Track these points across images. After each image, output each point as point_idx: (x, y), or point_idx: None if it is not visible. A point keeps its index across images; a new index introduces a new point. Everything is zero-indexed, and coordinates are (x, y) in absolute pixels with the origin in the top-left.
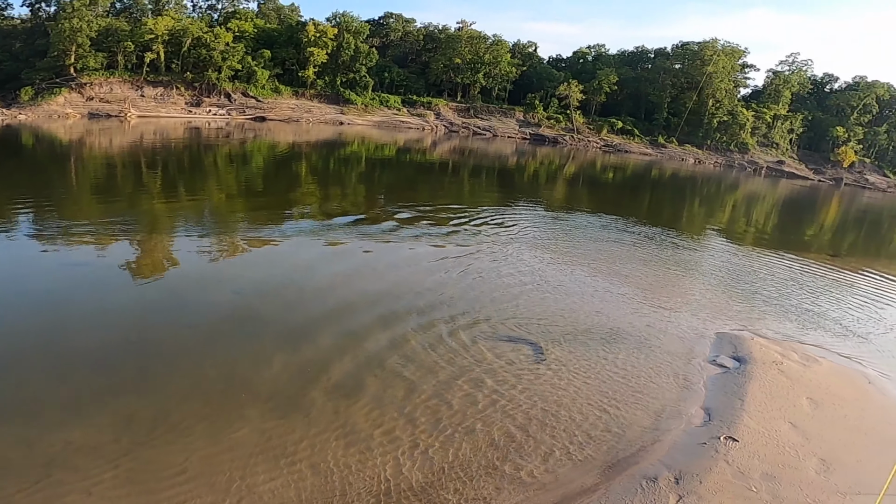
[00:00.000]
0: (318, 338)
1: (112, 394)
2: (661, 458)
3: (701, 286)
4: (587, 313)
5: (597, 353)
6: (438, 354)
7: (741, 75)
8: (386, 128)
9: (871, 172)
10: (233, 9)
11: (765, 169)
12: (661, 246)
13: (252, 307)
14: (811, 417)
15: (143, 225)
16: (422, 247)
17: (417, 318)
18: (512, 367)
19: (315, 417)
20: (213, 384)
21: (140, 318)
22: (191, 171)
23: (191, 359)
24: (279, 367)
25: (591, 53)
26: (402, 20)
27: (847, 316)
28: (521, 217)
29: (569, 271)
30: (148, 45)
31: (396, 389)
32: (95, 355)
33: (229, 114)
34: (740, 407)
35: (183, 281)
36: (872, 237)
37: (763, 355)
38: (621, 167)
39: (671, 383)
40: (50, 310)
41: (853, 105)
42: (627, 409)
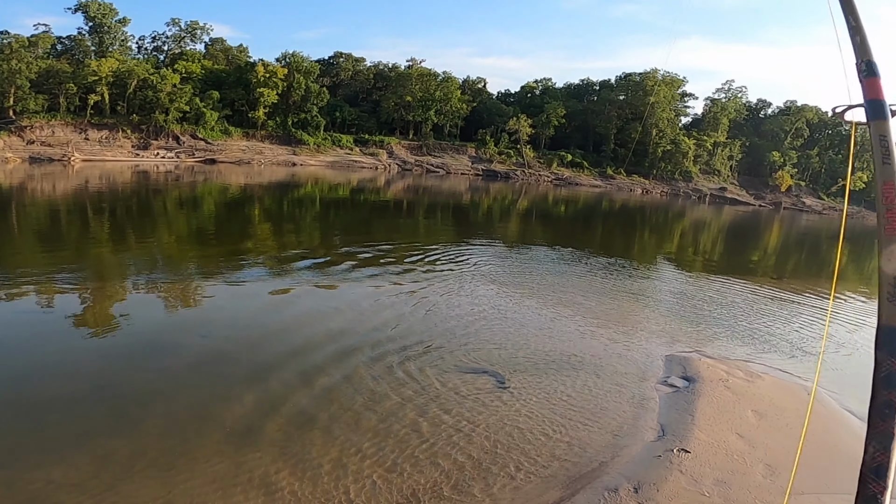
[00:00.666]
0: (283, 373)
1: (88, 435)
2: (621, 471)
3: (652, 312)
4: (544, 342)
5: (555, 379)
6: (410, 386)
7: (681, 104)
8: (339, 168)
9: (807, 196)
10: (179, 50)
11: (708, 196)
12: (614, 275)
13: (219, 349)
14: (756, 428)
15: (95, 273)
16: (380, 285)
17: (395, 350)
18: (476, 395)
19: (286, 447)
20: (187, 422)
21: (107, 364)
22: (141, 216)
23: (164, 400)
24: (250, 404)
25: (538, 87)
26: (351, 59)
27: (788, 335)
28: (477, 253)
29: (525, 303)
30: (91, 86)
31: (368, 418)
32: (68, 401)
33: (178, 157)
34: (691, 422)
35: (148, 327)
36: (812, 259)
37: (710, 374)
38: (573, 200)
39: (626, 403)
40: (12, 362)
41: (786, 129)
42: (587, 429)
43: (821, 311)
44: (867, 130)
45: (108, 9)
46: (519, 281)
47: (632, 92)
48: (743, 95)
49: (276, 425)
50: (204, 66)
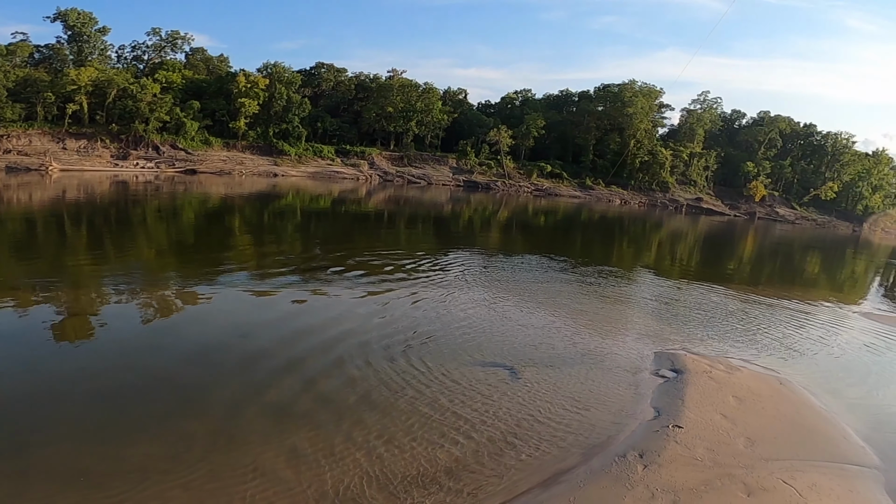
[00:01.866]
0: (316, 364)
1: (168, 418)
2: (626, 442)
3: (638, 315)
4: (545, 340)
5: (560, 371)
6: (436, 378)
7: (658, 115)
8: (321, 178)
9: (780, 205)
10: (159, 59)
11: (685, 206)
12: (601, 282)
13: (258, 346)
14: (737, 409)
15: (71, 283)
16: (367, 293)
17: (416, 347)
18: (496, 384)
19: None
20: (245, 405)
21: (164, 361)
22: (123, 227)
23: (219, 388)
24: (295, 387)
25: (518, 98)
26: (333, 70)
27: (762, 335)
28: (468, 262)
29: (522, 306)
30: (70, 95)
31: (396, 413)
32: (140, 392)
33: (158, 167)
34: (681, 405)
35: (193, 329)
36: (786, 267)
37: (695, 367)
38: (553, 211)
39: (625, 391)
40: (85, 361)
41: (760, 140)
42: (594, 411)
43: (791, 314)
44: (839, 140)
45: (88, 18)
46: (513, 287)
47: (610, 103)
48: (718, 106)
49: (329, 406)
50: (184, 75)
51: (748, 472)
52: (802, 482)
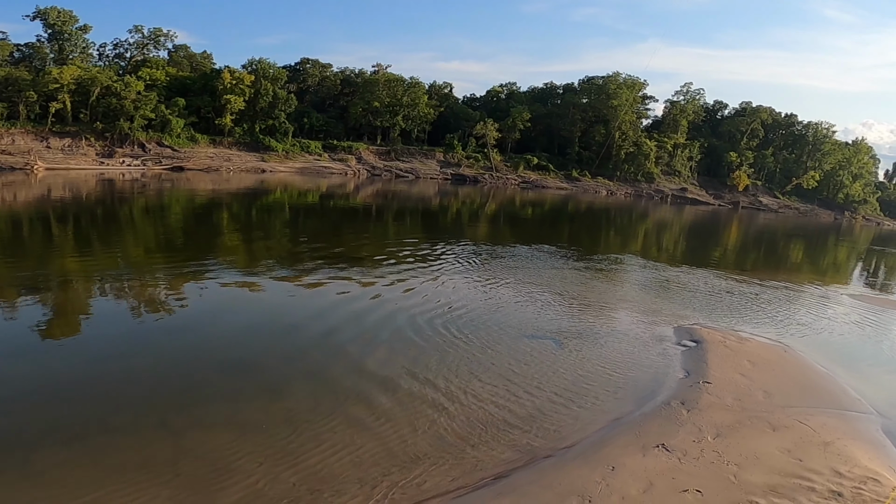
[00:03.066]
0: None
1: (273, 397)
2: (667, 395)
3: (648, 297)
4: (574, 318)
5: (596, 343)
6: (493, 347)
7: (643, 107)
8: (309, 174)
9: (763, 195)
10: (142, 57)
11: (670, 197)
12: (605, 269)
13: (325, 329)
14: (751, 370)
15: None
16: (394, 280)
17: (470, 326)
18: (547, 351)
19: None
20: (325, 383)
21: (229, 348)
22: (120, 224)
23: (316, 357)
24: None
25: (503, 92)
26: (318, 65)
27: (762, 313)
28: (469, 252)
29: (544, 291)
30: (53, 94)
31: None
32: (218, 377)
33: (144, 164)
34: (706, 367)
35: (241, 319)
36: (773, 254)
37: (711, 338)
38: (540, 203)
39: (656, 358)
40: (176, 354)
41: (742, 130)
42: (635, 372)
43: (785, 295)
44: (820, 130)
45: (68, 16)
46: (527, 274)
47: (595, 95)
48: (701, 97)
49: (419, 380)
50: (168, 72)
51: (770, 415)
52: (814, 422)
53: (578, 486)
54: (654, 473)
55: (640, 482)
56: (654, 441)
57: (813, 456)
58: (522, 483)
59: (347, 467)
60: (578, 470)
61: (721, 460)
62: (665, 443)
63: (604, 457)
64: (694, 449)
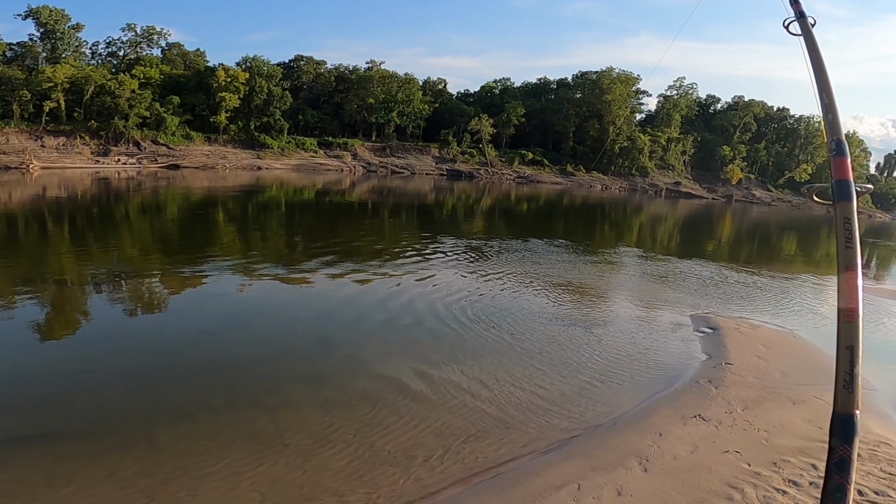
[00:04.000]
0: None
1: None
2: (694, 375)
3: (659, 288)
4: (596, 308)
5: (621, 329)
6: (529, 335)
7: (636, 101)
8: (304, 170)
9: (756, 188)
10: (135, 55)
11: (664, 191)
12: (612, 262)
13: (359, 314)
14: (767, 353)
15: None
16: (407, 272)
17: (495, 315)
18: (578, 336)
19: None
20: (367, 348)
21: (275, 336)
22: (121, 223)
23: (351, 340)
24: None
25: (497, 87)
26: (313, 62)
27: (767, 303)
28: (474, 245)
29: (561, 283)
30: (46, 93)
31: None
32: (264, 364)
33: (140, 163)
34: (725, 350)
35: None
36: (770, 246)
37: (726, 325)
38: (535, 198)
39: (678, 343)
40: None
41: (735, 124)
42: (662, 356)
43: (787, 285)
44: (811, 123)
45: (60, 15)
46: (538, 268)
47: (588, 90)
48: (693, 92)
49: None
50: (162, 71)
51: (789, 391)
52: (828, 397)
53: (634, 448)
54: (697, 438)
55: (686, 445)
56: (691, 412)
57: (827, 425)
58: (585, 447)
59: (430, 437)
60: (630, 436)
61: (752, 428)
62: (701, 414)
63: (650, 425)
64: (727, 419)
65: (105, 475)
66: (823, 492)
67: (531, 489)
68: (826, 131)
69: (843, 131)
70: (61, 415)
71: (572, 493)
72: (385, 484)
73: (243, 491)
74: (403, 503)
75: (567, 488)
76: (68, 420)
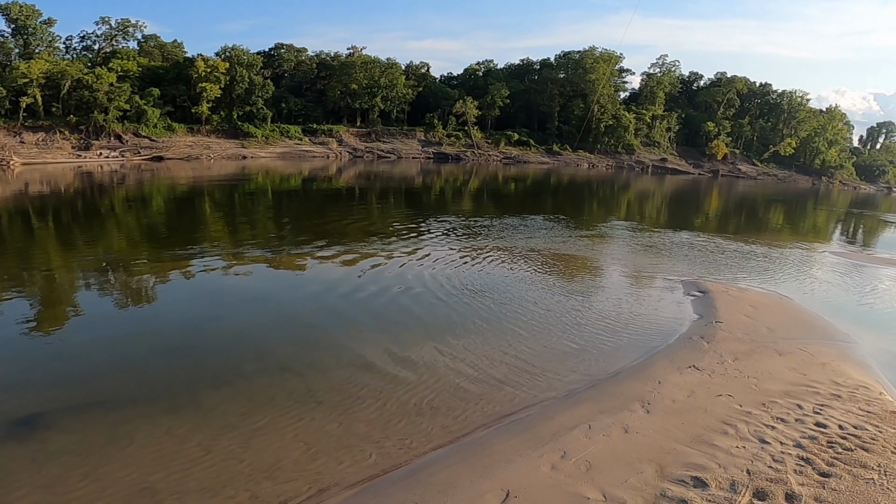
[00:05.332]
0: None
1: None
2: (688, 332)
3: (648, 259)
4: (590, 274)
5: (619, 295)
6: (532, 305)
7: (620, 80)
8: (290, 158)
9: (741, 162)
10: (111, 48)
11: (651, 167)
12: (602, 236)
13: (377, 289)
14: (754, 312)
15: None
16: (404, 253)
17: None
18: (580, 302)
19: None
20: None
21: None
22: (112, 217)
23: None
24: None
25: (480, 69)
26: (293, 50)
27: (754, 269)
28: (467, 224)
29: (555, 254)
30: (22, 89)
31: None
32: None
33: (123, 156)
34: (715, 311)
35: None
36: (754, 218)
37: (715, 288)
38: (523, 178)
39: (671, 305)
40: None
41: (718, 100)
42: (657, 316)
43: (773, 253)
44: (794, 98)
45: (31, 10)
46: (534, 242)
47: (572, 70)
48: (676, 69)
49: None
50: (140, 63)
51: (775, 344)
52: (812, 349)
53: (636, 394)
54: (693, 385)
55: (683, 391)
56: (686, 364)
57: (815, 372)
58: (591, 395)
59: (449, 392)
60: (632, 384)
61: (742, 375)
62: (695, 364)
63: (649, 375)
64: (719, 368)
65: (162, 433)
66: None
67: (547, 430)
68: None
69: None
70: (108, 385)
71: (584, 431)
72: (415, 431)
73: (288, 442)
74: (434, 446)
75: (579, 428)
76: (115, 389)
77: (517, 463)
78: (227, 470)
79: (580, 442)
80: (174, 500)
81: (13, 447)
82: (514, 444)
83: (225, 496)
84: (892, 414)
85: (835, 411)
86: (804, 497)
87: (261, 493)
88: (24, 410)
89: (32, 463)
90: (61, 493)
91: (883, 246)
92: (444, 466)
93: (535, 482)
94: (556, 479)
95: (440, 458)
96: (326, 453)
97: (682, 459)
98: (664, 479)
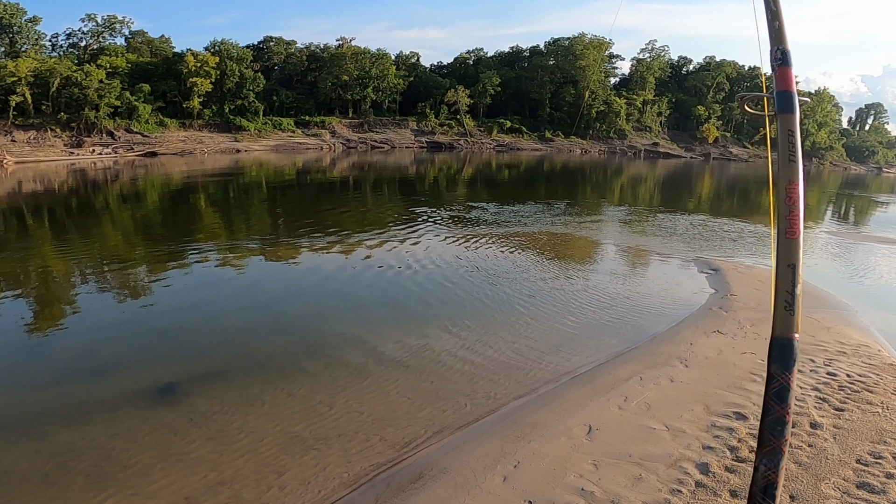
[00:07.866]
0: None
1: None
2: (707, 304)
3: (658, 240)
4: (607, 254)
5: (641, 274)
6: (551, 280)
7: (610, 66)
8: (284, 151)
9: (733, 145)
10: (98, 45)
11: (643, 152)
12: (606, 220)
13: (393, 274)
14: (762, 286)
15: None
16: (408, 240)
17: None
18: (604, 279)
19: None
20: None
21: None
22: (115, 214)
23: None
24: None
25: (471, 58)
26: (283, 43)
27: (755, 248)
28: (473, 208)
29: (566, 234)
30: (11, 88)
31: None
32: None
33: (116, 152)
34: (728, 285)
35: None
36: (748, 200)
37: (725, 266)
38: (516, 165)
39: (688, 280)
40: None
41: (708, 84)
42: (678, 290)
43: (767, 232)
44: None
45: (15, 9)
46: (548, 227)
47: (561, 57)
48: (666, 54)
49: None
50: (129, 59)
51: None
52: (817, 316)
53: (674, 353)
54: (719, 345)
55: (712, 350)
56: (711, 329)
57: (821, 334)
58: (636, 355)
59: (514, 356)
60: (668, 346)
61: (759, 337)
62: (719, 329)
63: (682, 338)
64: (739, 332)
65: (285, 395)
66: (762, 425)
67: (607, 381)
68: (771, 40)
69: (787, 42)
70: (219, 359)
71: (637, 381)
72: (496, 386)
73: (394, 398)
74: (514, 397)
75: (633, 379)
76: (227, 362)
77: (590, 406)
78: (353, 420)
79: (636, 390)
80: (321, 444)
81: (168, 411)
82: (582, 393)
83: (360, 440)
84: (889, 366)
85: (842, 364)
86: (825, 424)
87: (388, 436)
88: (160, 380)
89: (190, 422)
90: (228, 443)
91: (875, 224)
92: (531, 411)
93: (608, 419)
94: (625, 416)
95: (524, 405)
96: (429, 405)
97: (723, 400)
98: (711, 414)
